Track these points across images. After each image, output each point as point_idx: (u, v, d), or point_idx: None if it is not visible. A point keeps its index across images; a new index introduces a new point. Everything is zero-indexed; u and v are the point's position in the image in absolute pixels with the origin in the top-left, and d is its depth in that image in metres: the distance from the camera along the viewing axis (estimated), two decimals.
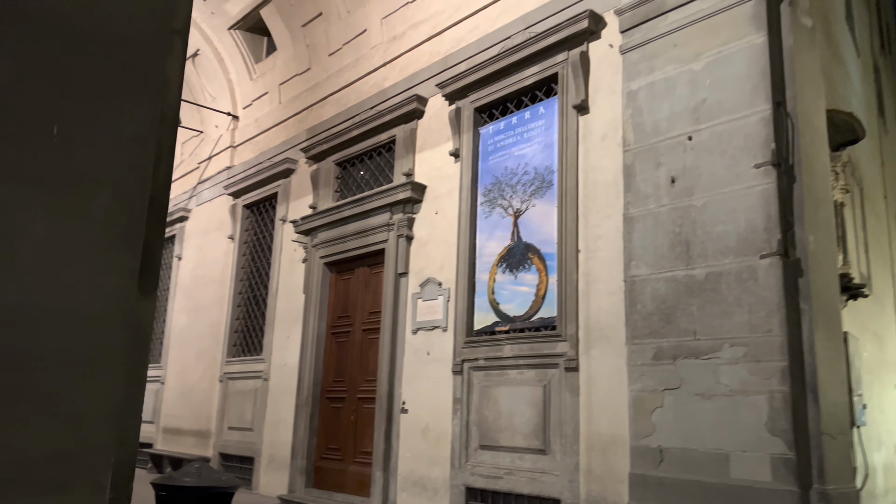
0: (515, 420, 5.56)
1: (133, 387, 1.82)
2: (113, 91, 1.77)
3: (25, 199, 1.62)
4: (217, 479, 2.60)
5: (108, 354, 1.68)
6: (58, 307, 1.62)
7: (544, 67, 5.93)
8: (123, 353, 1.72)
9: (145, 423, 11.60)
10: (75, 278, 1.65)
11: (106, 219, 1.72)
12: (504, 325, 5.90)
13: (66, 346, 1.62)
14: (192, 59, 11.27)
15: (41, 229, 1.62)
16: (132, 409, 1.81)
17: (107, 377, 1.68)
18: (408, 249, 6.92)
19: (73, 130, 1.71)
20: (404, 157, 7.16)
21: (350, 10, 8.49)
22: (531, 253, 5.83)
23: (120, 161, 1.76)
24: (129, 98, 1.78)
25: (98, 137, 1.74)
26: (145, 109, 1.81)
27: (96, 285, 1.67)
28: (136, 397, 1.83)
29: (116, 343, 1.71)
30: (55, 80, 1.70)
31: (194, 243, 11.27)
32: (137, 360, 1.83)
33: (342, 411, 7.54)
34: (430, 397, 6.35)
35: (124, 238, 1.74)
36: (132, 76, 1.80)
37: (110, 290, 1.69)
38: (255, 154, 10.07)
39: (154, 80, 1.84)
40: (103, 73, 1.77)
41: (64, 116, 1.69)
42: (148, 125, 1.82)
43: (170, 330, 11.44)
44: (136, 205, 1.78)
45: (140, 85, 1.81)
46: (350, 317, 7.71)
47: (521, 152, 6.09)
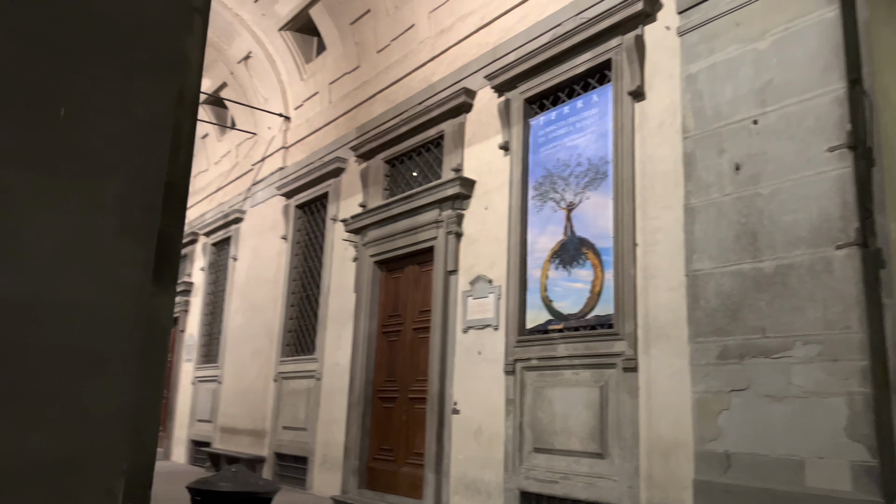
0: (571, 422, 5.33)
1: (149, 387, 1.69)
2: (125, 71, 1.65)
3: (30, 186, 1.51)
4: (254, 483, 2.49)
5: (119, 352, 1.56)
6: (64, 301, 1.51)
7: (597, 54, 5.67)
8: (137, 350, 1.59)
9: (204, 423, 11.79)
10: (83, 271, 1.53)
11: (117, 207, 1.60)
12: (558, 324, 5.67)
13: (74, 343, 1.51)
14: (244, 61, 11.39)
15: (47, 218, 1.51)
16: (149, 410, 1.68)
17: (118, 376, 1.56)
18: (457, 246, 6.75)
19: (82, 113, 1.59)
20: (453, 151, 7.00)
21: (398, 5, 8.39)
22: (585, 248, 5.58)
23: (132, 145, 1.64)
24: (142, 78, 1.66)
25: (109, 120, 1.62)
26: (160, 90, 1.69)
27: (106, 278, 1.55)
28: (153, 398, 1.71)
29: (129, 340, 1.59)
30: (62, 58, 1.59)
31: (249, 244, 11.38)
32: (154, 359, 1.71)
33: (394, 411, 7.43)
34: (481, 398, 6.17)
35: (137, 227, 1.62)
36: (146, 55, 1.68)
37: (121, 283, 1.57)
38: (306, 154, 10.09)
39: (170, 59, 1.72)
40: (115, 52, 1.65)
41: (72, 98, 1.58)
42: (163, 107, 1.69)
43: (226, 330, 11.59)
44: (149, 192, 1.65)
45: (154, 64, 1.69)
46: (400, 315, 7.59)
47: (573, 143, 5.85)
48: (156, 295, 1.72)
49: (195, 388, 12.41)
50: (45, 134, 1.50)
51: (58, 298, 1.47)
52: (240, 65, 11.55)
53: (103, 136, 1.57)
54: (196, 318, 13.02)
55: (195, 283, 13.37)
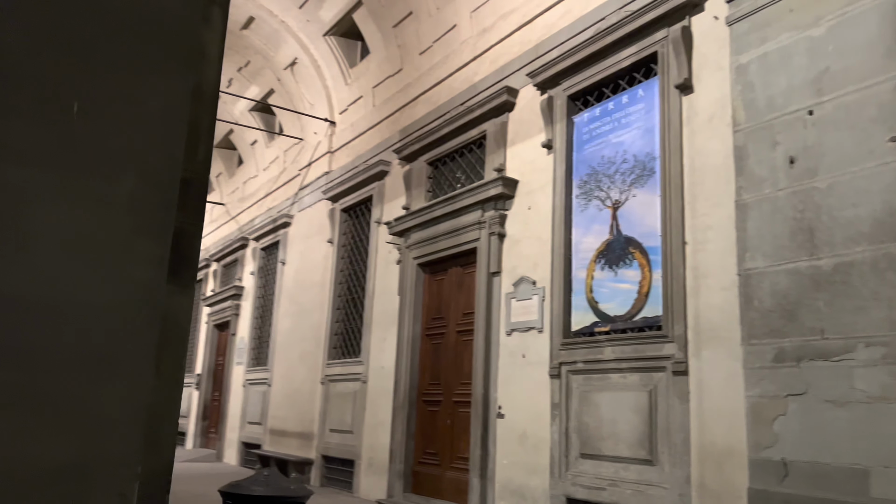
0: (619, 427, 5.16)
1: (167, 389, 1.65)
2: (139, 65, 1.61)
3: (41, 182, 1.48)
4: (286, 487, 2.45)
5: (133, 353, 1.52)
6: (76, 300, 1.47)
7: (642, 47, 5.50)
8: (152, 351, 1.55)
9: (254, 425, 11.94)
10: (95, 269, 1.49)
11: (130, 203, 1.55)
12: (604, 326, 5.51)
13: (85, 344, 1.47)
14: (290, 67, 11.52)
15: (58, 215, 1.48)
16: (166, 413, 1.64)
17: (132, 378, 1.51)
18: (500, 247, 6.64)
19: (95, 108, 1.56)
20: (495, 151, 6.90)
21: (440, 6, 8.34)
22: (632, 247, 5.41)
23: (146, 140, 1.59)
24: (156, 72, 1.62)
25: (122, 115, 1.58)
26: (175, 84, 1.64)
27: (119, 277, 1.51)
28: (171, 401, 1.66)
29: (143, 340, 1.54)
30: (75, 53, 1.55)
31: (297, 248, 11.49)
32: (172, 360, 1.67)
33: (438, 415, 7.36)
34: (526, 402, 6.04)
35: (151, 224, 1.57)
36: (160, 49, 1.64)
37: (135, 282, 1.52)
38: (351, 158, 10.12)
39: (185, 52, 1.67)
40: (128, 46, 1.61)
41: (85, 93, 1.55)
42: (178, 100, 1.65)
43: (275, 333, 11.72)
44: (165, 188, 1.61)
45: (169, 58, 1.64)
46: (444, 318, 7.52)
47: (618, 139, 5.68)
48: (173, 294, 1.68)
49: (246, 390, 12.59)
50: (58, 130, 1.47)
51: (69, 297, 1.44)
52: (286, 71, 11.69)
53: (117, 132, 1.54)
54: (246, 321, 13.22)
55: (246, 287, 13.58)
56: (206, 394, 14.94)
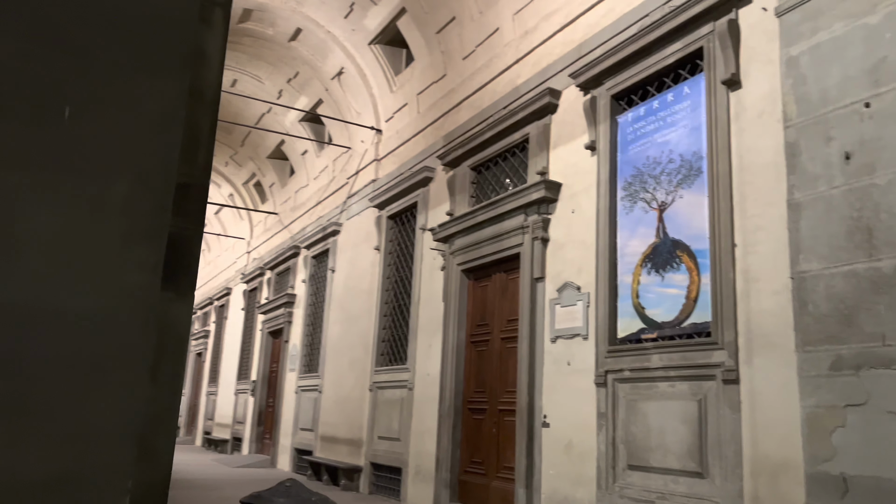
0: (667, 438, 4.95)
1: (164, 398, 1.61)
2: (133, 66, 1.58)
3: (31, 187, 1.47)
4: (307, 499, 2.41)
5: (125, 362, 1.48)
6: (66, 308, 1.44)
7: (687, 43, 5.30)
8: (147, 360, 1.52)
9: (306, 431, 12.05)
10: (87, 276, 1.47)
11: (123, 208, 1.52)
12: (651, 333, 5.31)
13: (75, 353, 1.44)
14: (337, 77, 11.63)
15: (47, 221, 1.45)
16: (163, 423, 1.60)
17: (124, 388, 1.48)
18: (543, 252, 6.50)
19: (88, 111, 1.53)
20: (538, 155, 6.77)
21: (482, 9, 8.27)
22: (679, 250, 5.21)
23: (141, 144, 1.56)
24: (152, 73, 1.58)
25: (116, 118, 1.55)
26: (170, 85, 1.61)
27: (111, 283, 1.48)
28: (169, 410, 1.62)
29: (136, 349, 1.51)
30: (66, 54, 1.53)
31: (346, 256, 11.57)
32: (170, 368, 1.63)
33: (484, 423, 7.25)
34: (572, 411, 5.88)
35: (145, 230, 1.54)
36: (155, 49, 1.61)
37: (128, 289, 1.49)
38: (396, 165, 10.14)
39: (181, 53, 1.65)
40: (122, 46, 1.58)
41: (77, 95, 1.52)
42: (173, 103, 1.61)
43: (325, 340, 11.82)
44: (159, 192, 1.57)
45: (164, 59, 1.61)
46: (488, 325, 7.42)
47: (664, 139, 5.49)
48: (171, 301, 1.64)
49: (298, 397, 12.73)
50: (48, 134, 1.45)
51: (59, 305, 1.42)
52: (333, 81, 11.80)
53: (109, 135, 1.51)
54: (299, 328, 13.38)
55: (298, 295, 13.76)
56: (260, 400, 15.18)
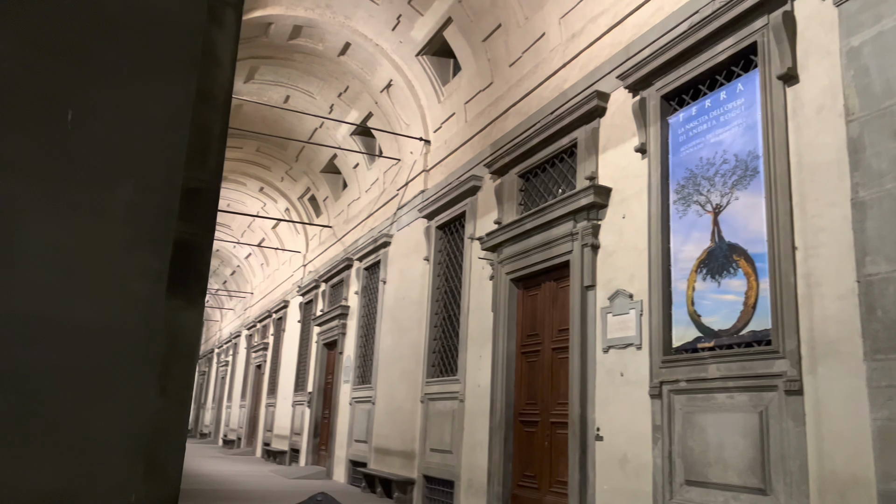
0: (727, 452, 4.70)
1: (173, 410, 1.56)
2: (137, 68, 1.54)
3: (31, 195, 1.43)
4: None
5: (129, 372, 1.43)
6: (67, 318, 1.40)
7: (740, 38, 5.08)
8: (151, 370, 1.47)
9: (360, 443, 12.06)
10: (88, 284, 1.42)
11: (126, 214, 1.48)
12: (708, 341, 5.07)
13: (77, 363, 1.39)
14: (386, 90, 11.68)
15: (48, 228, 1.42)
16: (172, 435, 1.54)
17: (127, 399, 1.43)
18: (593, 259, 6.32)
19: (91, 115, 1.50)
20: (586, 159, 6.61)
21: (528, 15, 8.17)
22: (736, 255, 4.96)
23: (145, 148, 1.51)
24: (155, 76, 1.55)
25: (120, 122, 1.51)
26: (176, 88, 1.57)
27: (113, 291, 1.44)
28: (178, 422, 1.56)
29: (141, 359, 1.46)
30: (70, 58, 1.50)
31: (396, 267, 11.57)
32: (179, 379, 1.58)
33: (536, 436, 7.08)
34: (626, 423, 5.67)
35: (150, 236, 1.49)
36: (160, 51, 1.56)
37: (131, 297, 1.44)
38: (445, 175, 10.09)
39: (187, 55, 1.60)
40: (127, 49, 1.54)
41: (80, 100, 1.49)
42: (179, 106, 1.57)
43: (378, 351, 11.83)
44: (164, 197, 1.53)
45: (170, 61, 1.57)
46: (539, 335, 7.25)
47: (717, 139, 5.26)
48: (180, 309, 1.59)
49: (352, 408, 12.77)
50: (50, 141, 1.42)
51: (60, 315, 1.37)
52: (382, 93, 11.87)
53: (113, 140, 1.47)
54: (352, 340, 13.44)
55: (351, 307, 13.84)
56: (316, 411, 15.30)
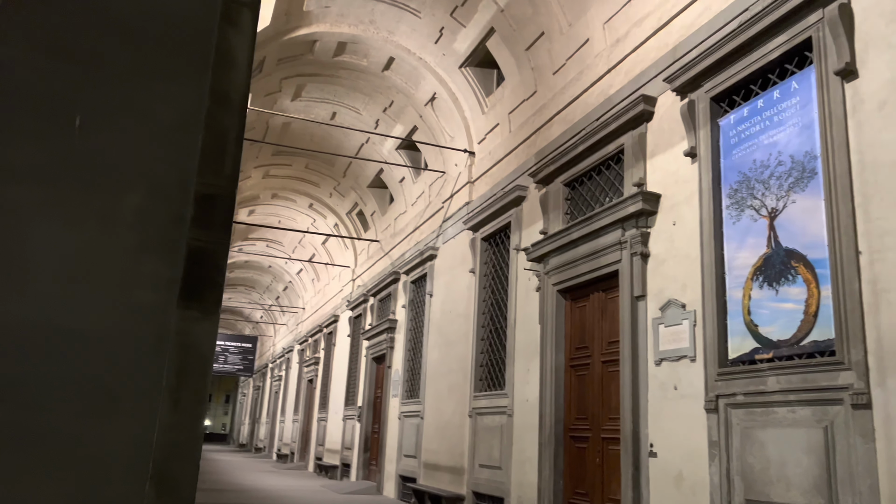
0: (789, 470, 4.44)
1: (186, 425, 1.49)
2: (147, 71, 1.49)
3: (37, 202, 1.39)
4: None
5: (137, 385, 1.36)
6: (73, 328, 1.34)
7: (793, 34, 4.85)
8: (160, 383, 1.40)
9: (410, 458, 11.97)
10: (96, 293, 1.36)
11: (136, 221, 1.42)
12: (766, 352, 4.82)
13: (82, 375, 1.33)
14: (430, 103, 11.68)
15: (54, 236, 1.37)
16: (185, 452, 1.47)
17: (136, 414, 1.36)
18: (643, 269, 6.11)
19: (99, 119, 1.45)
20: (634, 165, 6.42)
21: (571, 22, 8.04)
22: (794, 261, 4.71)
23: (155, 152, 1.45)
24: (166, 77, 1.50)
25: (128, 125, 1.46)
26: (187, 90, 1.51)
27: (122, 300, 1.38)
28: (192, 438, 1.50)
29: (150, 371, 1.39)
30: (77, 61, 1.45)
31: (442, 280, 11.50)
32: (192, 393, 1.51)
33: (587, 452, 6.86)
34: (680, 439, 5.43)
35: (160, 244, 1.43)
36: (171, 53, 1.51)
37: (140, 306, 1.38)
38: (489, 186, 10.00)
39: (199, 56, 1.55)
40: (135, 51, 1.49)
41: (87, 103, 1.45)
42: (191, 108, 1.52)
43: (425, 365, 11.75)
44: (175, 203, 1.46)
45: (181, 62, 1.51)
46: (588, 347, 7.05)
47: (771, 140, 5.02)
48: (195, 320, 1.52)
49: (401, 422, 12.70)
50: (57, 145, 1.38)
51: (64, 323, 1.32)
52: (427, 107, 11.87)
53: (122, 144, 1.42)
54: (400, 353, 13.41)
55: (398, 320, 13.81)
56: (366, 426, 15.30)
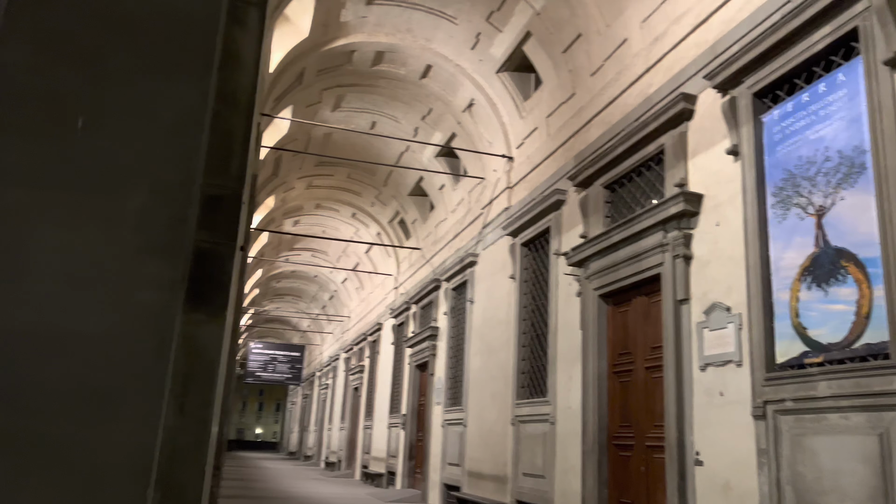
0: (843, 480, 4.23)
1: (191, 431, 1.45)
2: (150, 72, 1.47)
3: (39, 203, 1.38)
4: None
5: (139, 389, 1.34)
6: (73, 330, 1.33)
7: (838, 24, 4.66)
8: (162, 386, 1.38)
9: (454, 466, 11.89)
10: (96, 294, 1.35)
11: (138, 222, 1.40)
12: (816, 356, 4.61)
13: (82, 379, 1.31)
14: (468, 109, 11.65)
15: (57, 239, 1.35)
16: (191, 456, 1.44)
17: (139, 418, 1.34)
18: (686, 271, 5.93)
19: (101, 120, 1.43)
20: (675, 166, 6.25)
21: (608, 22, 7.91)
22: (844, 260, 4.50)
23: (158, 152, 1.44)
24: (168, 77, 1.48)
25: (131, 126, 1.45)
26: (191, 89, 1.49)
27: (123, 301, 1.36)
28: (198, 443, 1.46)
29: (152, 374, 1.37)
30: (80, 64, 1.42)
31: (483, 286, 11.43)
32: (199, 396, 1.48)
33: (631, 461, 6.69)
34: (727, 447, 5.23)
35: (163, 245, 1.41)
36: (173, 51, 1.50)
37: (142, 307, 1.36)
38: (528, 191, 9.89)
39: (203, 55, 1.54)
40: (138, 53, 1.47)
41: (90, 105, 1.42)
42: (194, 109, 1.49)
43: (467, 372, 11.67)
44: (178, 203, 1.43)
45: (183, 61, 1.50)
46: (631, 353, 6.88)
47: (817, 135, 4.83)
48: (200, 323, 1.49)
49: (444, 430, 12.64)
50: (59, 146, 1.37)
51: (66, 328, 1.29)
52: (464, 113, 11.84)
53: (125, 146, 1.39)
54: (442, 361, 13.36)
55: (440, 328, 13.78)
56: (411, 434, 15.28)
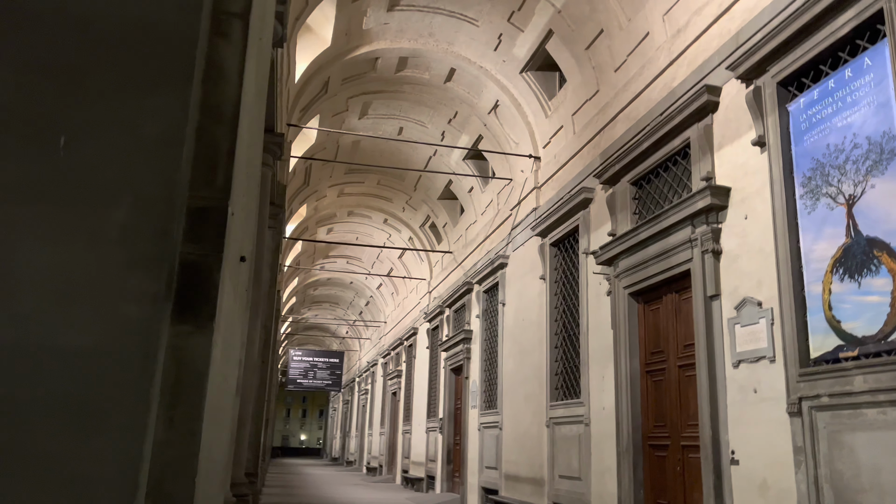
0: (884, 477, 4.08)
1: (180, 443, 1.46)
2: (131, 86, 1.48)
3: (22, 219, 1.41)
4: None
5: (124, 402, 1.35)
6: (57, 343, 1.35)
7: (863, 7, 4.51)
8: (148, 399, 1.39)
9: (491, 470, 11.83)
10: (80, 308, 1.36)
11: (121, 236, 1.42)
12: (851, 350, 4.47)
13: (67, 393, 1.33)
14: (493, 111, 11.62)
15: (41, 255, 1.38)
16: (181, 469, 1.45)
17: (126, 431, 1.35)
18: (716, 267, 5.81)
19: (82, 135, 1.45)
20: (701, 159, 6.13)
21: (630, 16, 7.81)
22: (877, 250, 4.35)
23: (140, 166, 1.45)
24: (149, 91, 1.49)
25: (113, 141, 1.46)
26: (172, 102, 1.50)
27: (107, 315, 1.37)
28: (187, 455, 1.47)
29: (137, 387, 1.38)
30: (60, 81, 1.44)
31: (514, 288, 11.37)
32: (187, 409, 1.49)
33: (667, 461, 6.57)
34: (763, 445, 5.10)
35: (147, 258, 1.41)
36: (154, 65, 1.51)
37: (126, 321, 1.37)
38: (556, 191, 9.81)
39: (183, 68, 1.54)
40: (118, 67, 1.48)
41: (72, 122, 1.45)
42: (176, 121, 1.51)
43: (501, 375, 11.62)
44: (162, 217, 1.45)
45: (164, 74, 1.51)
46: (663, 352, 6.76)
47: (845, 122, 4.68)
48: (187, 335, 1.50)
49: (481, 434, 12.59)
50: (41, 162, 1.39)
51: (50, 342, 1.30)
52: (490, 115, 11.81)
53: (107, 160, 1.40)
54: (476, 364, 13.32)
55: (474, 331, 13.75)
56: (448, 438, 15.27)
